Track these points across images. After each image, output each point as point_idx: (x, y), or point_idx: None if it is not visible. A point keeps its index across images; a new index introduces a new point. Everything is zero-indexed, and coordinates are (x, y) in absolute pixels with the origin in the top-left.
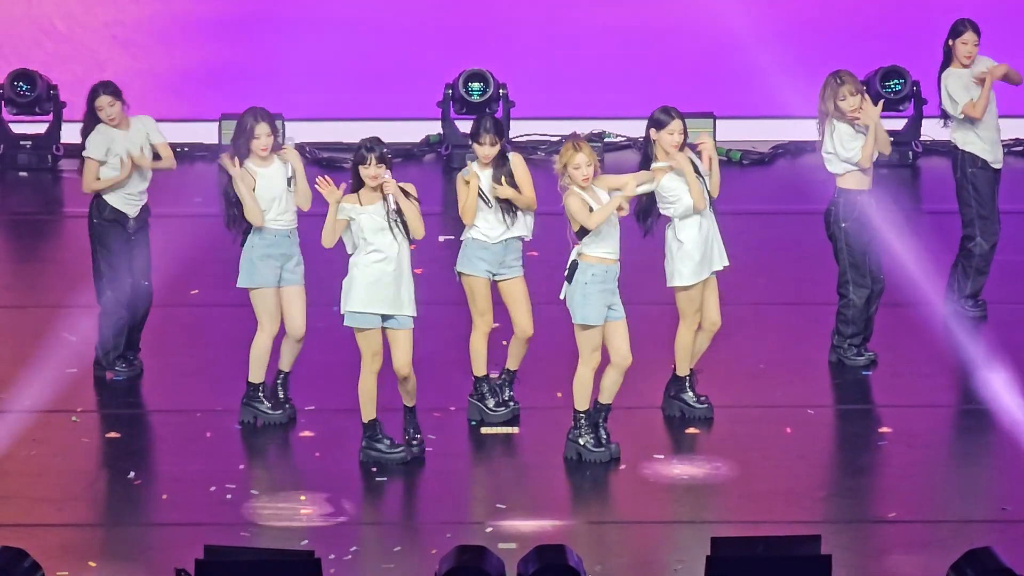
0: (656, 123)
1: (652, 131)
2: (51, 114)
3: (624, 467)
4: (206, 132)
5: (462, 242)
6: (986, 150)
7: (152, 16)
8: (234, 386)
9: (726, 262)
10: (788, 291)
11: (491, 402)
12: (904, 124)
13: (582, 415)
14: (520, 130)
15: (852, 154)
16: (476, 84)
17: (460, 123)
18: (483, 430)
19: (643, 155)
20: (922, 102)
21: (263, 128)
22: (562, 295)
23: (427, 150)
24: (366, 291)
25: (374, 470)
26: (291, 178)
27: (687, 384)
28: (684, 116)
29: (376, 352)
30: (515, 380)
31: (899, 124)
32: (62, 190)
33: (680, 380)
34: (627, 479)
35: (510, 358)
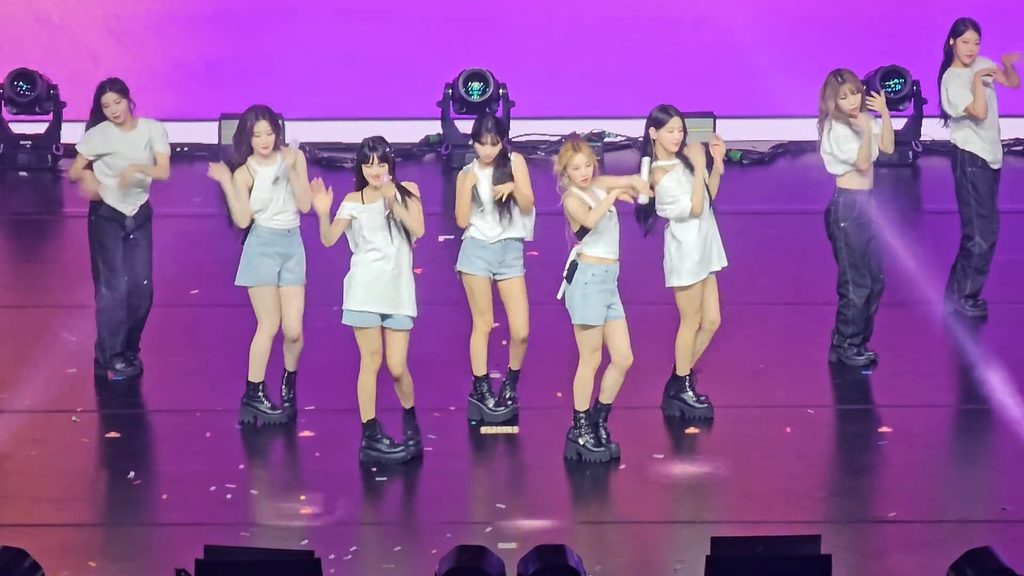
0: (655, 122)
1: (652, 130)
2: (51, 114)
3: (624, 467)
4: (206, 132)
5: (462, 241)
6: (986, 150)
7: (152, 17)
8: (234, 386)
9: (725, 262)
10: (788, 291)
11: (491, 402)
12: (904, 124)
13: (582, 415)
14: (520, 130)
15: (848, 155)
16: (476, 84)
17: (460, 123)
18: (483, 430)
19: (643, 155)
20: (922, 102)
21: (263, 126)
22: (560, 295)
23: (427, 150)
24: (364, 290)
25: (374, 470)
26: (279, 177)
27: (687, 384)
28: (683, 115)
29: (375, 351)
30: (517, 380)
31: (899, 124)
32: (62, 190)
33: (680, 380)
34: (627, 479)
35: (511, 358)
